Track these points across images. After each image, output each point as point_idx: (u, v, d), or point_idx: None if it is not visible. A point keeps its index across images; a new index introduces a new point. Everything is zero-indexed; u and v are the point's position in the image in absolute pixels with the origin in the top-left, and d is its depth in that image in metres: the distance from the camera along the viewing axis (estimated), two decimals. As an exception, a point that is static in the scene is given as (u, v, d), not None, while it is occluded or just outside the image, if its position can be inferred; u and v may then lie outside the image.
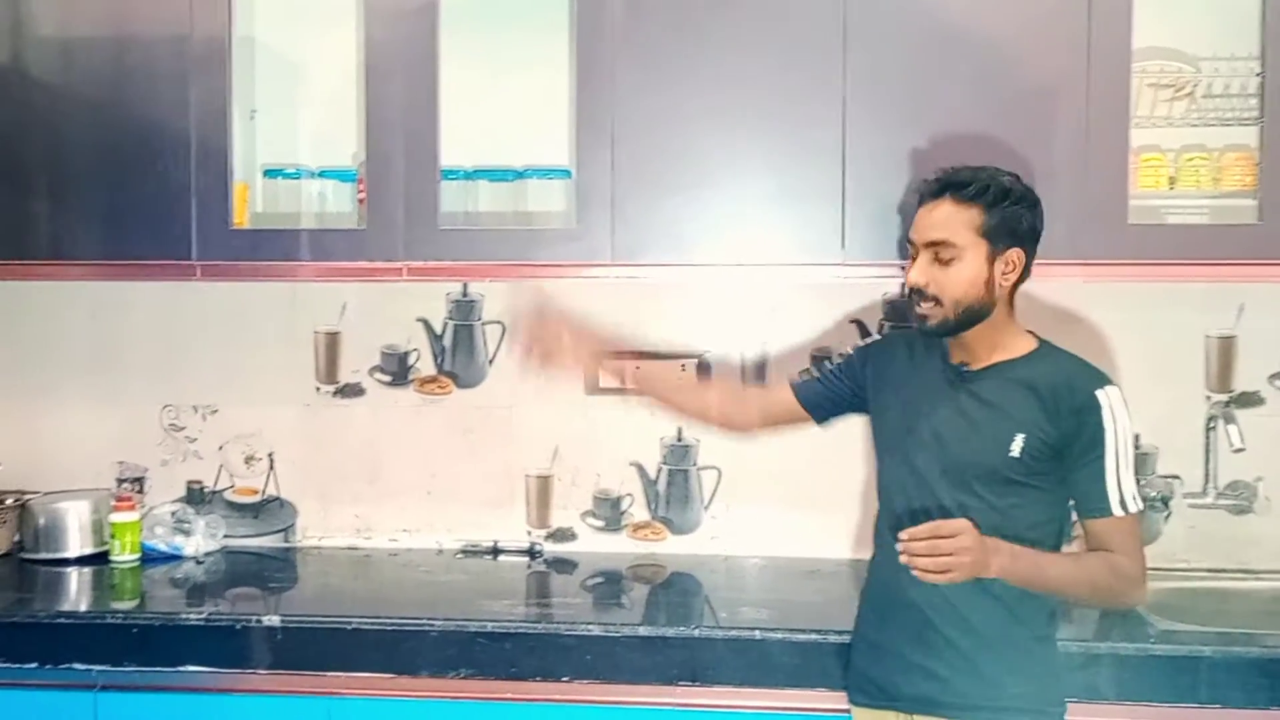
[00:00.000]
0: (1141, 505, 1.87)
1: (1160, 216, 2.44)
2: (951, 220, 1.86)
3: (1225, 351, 2.58)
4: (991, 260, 1.87)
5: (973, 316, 1.88)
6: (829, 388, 2.15)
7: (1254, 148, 2.38)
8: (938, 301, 1.87)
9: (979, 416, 1.89)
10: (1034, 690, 1.88)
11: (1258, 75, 2.35)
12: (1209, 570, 2.58)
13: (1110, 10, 2.26)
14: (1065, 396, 1.84)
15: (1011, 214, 1.87)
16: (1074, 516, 1.92)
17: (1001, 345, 1.92)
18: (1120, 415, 1.84)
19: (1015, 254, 1.89)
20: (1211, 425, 2.54)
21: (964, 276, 1.86)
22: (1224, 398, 2.57)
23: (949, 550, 1.73)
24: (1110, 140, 2.27)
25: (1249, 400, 2.57)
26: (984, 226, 1.86)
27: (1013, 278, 1.89)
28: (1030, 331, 1.96)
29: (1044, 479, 1.86)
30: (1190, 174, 2.42)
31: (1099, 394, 1.84)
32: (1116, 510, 1.84)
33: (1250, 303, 2.56)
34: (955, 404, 1.91)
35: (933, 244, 1.87)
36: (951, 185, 1.88)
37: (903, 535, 1.76)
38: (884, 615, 1.97)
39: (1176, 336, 2.58)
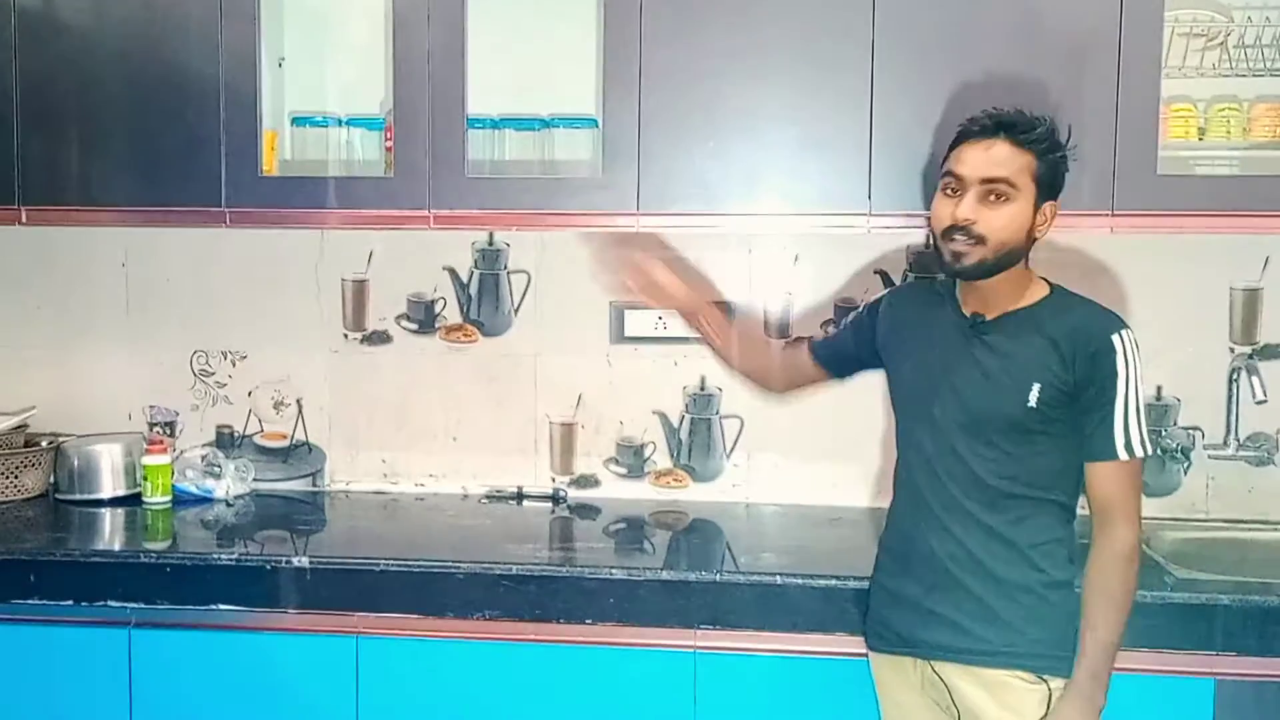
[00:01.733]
0: (1149, 450, 1.85)
1: (1189, 168, 2.42)
2: (1011, 160, 1.83)
3: (1250, 304, 2.57)
4: (1035, 208, 1.86)
5: (1008, 260, 1.86)
6: (843, 345, 2.19)
7: (1285, 99, 2.37)
8: (981, 241, 1.84)
9: (994, 367, 1.88)
10: (1053, 636, 1.88)
11: (1290, 25, 2.33)
12: (1228, 521, 2.59)
13: (1144, -42, 2.23)
14: (1081, 342, 1.83)
15: (1060, 166, 1.87)
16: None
17: (1014, 294, 1.91)
18: (1133, 359, 1.83)
19: (1051, 207, 1.88)
20: (1234, 377, 2.54)
21: (1014, 219, 1.84)
22: (1247, 350, 2.57)
23: None
24: (1141, 90, 2.25)
25: (1272, 352, 2.56)
26: (1038, 173, 1.85)
27: (1045, 230, 1.88)
28: (1043, 278, 1.95)
29: (1060, 425, 1.85)
30: (1220, 125, 2.40)
31: (1114, 338, 1.83)
32: (1122, 454, 1.83)
33: (1277, 255, 2.55)
34: (970, 355, 1.91)
35: (990, 180, 1.83)
36: (1008, 126, 1.85)
37: None
38: (902, 564, 1.98)
39: (1202, 288, 2.58)
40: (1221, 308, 2.58)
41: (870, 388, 2.39)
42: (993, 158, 1.84)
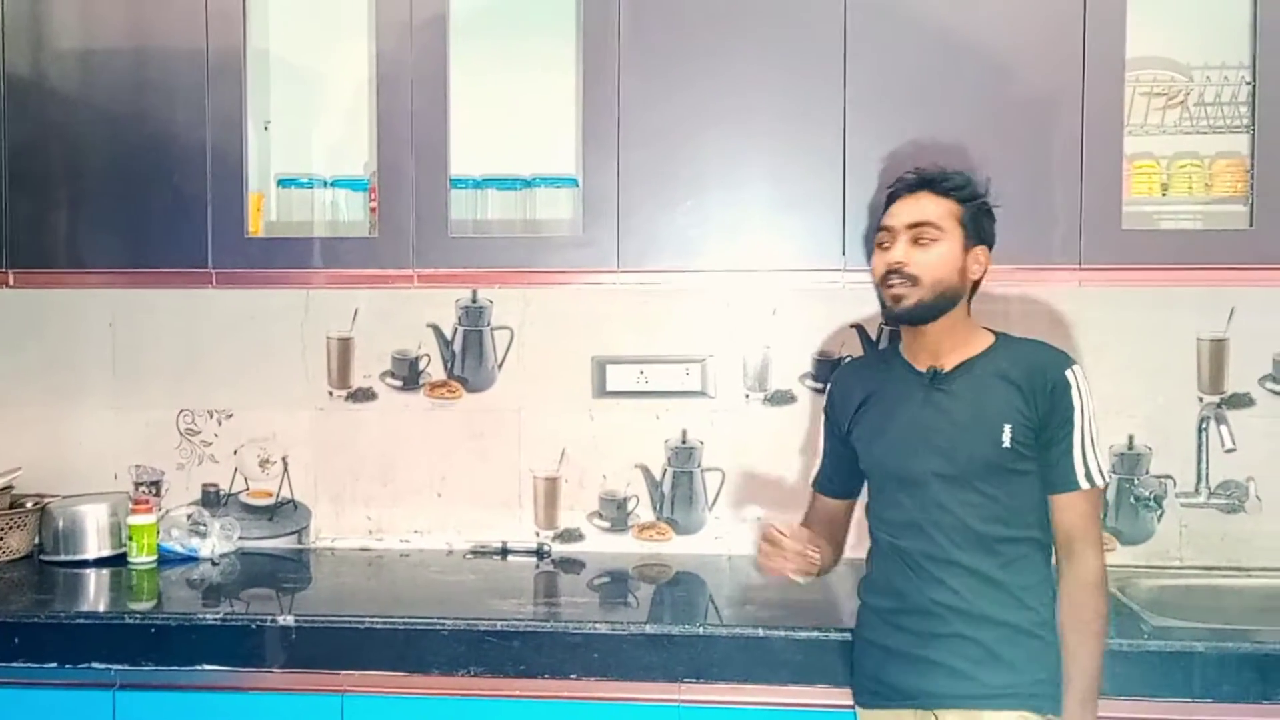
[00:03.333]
0: (1107, 480, 1.96)
1: (1153, 222, 2.49)
2: (935, 207, 1.96)
3: (1217, 354, 2.62)
4: (965, 250, 1.97)
5: (945, 301, 1.95)
6: (837, 458, 2.17)
7: (1244, 154, 2.43)
8: (915, 281, 1.94)
9: (963, 415, 1.94)
10: (1053, 676, 1.92)
11: (1248, 84, 2.39)
12: (1202, 568, 2.63)
13: (1105, 21, 2.30)
14: (1039, 379, 1.92)
15: (983, 214, 2.00)
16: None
17: (964, 343, 1.99)
18: (1086, 392, 1.93)
19: (982, 252, 2.00)
20: (1203, 426, 2.58)
21: (944, 257, 1.95)
22: (1215, 399, 2.62)
23: None
24: (1104, 147, 2.31)
25: (1240, 401, 2.62)
26: (961, 217, 1.97)
27: (978, 274, 2.00)
28: (985, 327, 2.04)
29: (1031, 463, 1.93)
30: (1182, 180, 2.46)
31: (1067, 374, 1.93)
32: (1083, 484, 1.91)
33: (1241, 306, 2.61)
34: (936, 408, 1.97)
35: (915, 225, 1.95)
36: (930, 180, 1.98)
37: None
38: (893, 619, 1.99)
39: (1169, 340, 2.63)
40: (1189, 358, 2.63)
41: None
42: (918, 207, 1.97)
